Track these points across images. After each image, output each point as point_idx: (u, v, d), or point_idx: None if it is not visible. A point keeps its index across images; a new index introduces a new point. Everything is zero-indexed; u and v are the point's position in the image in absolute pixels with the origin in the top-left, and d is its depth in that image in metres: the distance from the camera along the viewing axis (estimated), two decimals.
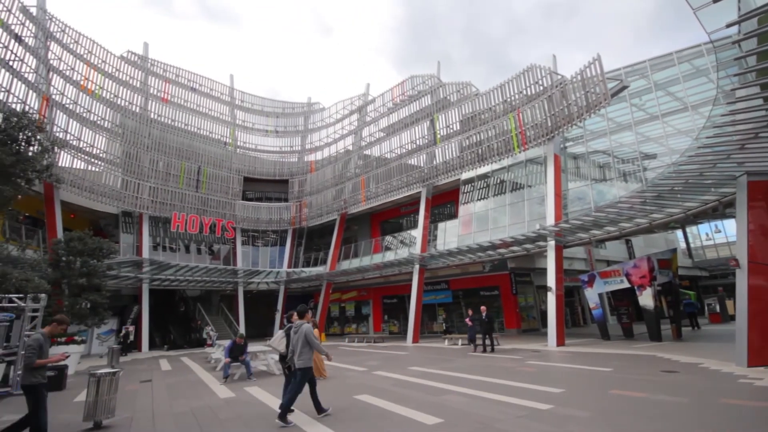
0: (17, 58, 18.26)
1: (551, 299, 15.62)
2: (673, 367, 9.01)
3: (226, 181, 29.14)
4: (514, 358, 12.51)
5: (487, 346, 14.31)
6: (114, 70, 25.50)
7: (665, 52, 15.37)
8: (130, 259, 22.43)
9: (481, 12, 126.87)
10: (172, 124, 28.10)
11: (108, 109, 24.32)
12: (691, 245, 32.77)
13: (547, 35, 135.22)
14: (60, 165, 20.41)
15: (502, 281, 22.64)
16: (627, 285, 15.38)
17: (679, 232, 31.64)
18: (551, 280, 15.82)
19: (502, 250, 18.72)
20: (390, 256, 23.88)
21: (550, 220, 16.03)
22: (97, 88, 23.91)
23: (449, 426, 5.47)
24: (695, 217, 14.09)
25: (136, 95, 26.52)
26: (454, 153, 21.15)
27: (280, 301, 29.34)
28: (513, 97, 18.46)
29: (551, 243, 16.25)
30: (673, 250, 17.40)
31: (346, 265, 26.83)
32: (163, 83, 28.70)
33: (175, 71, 29.86)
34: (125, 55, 27.07)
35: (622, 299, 16.96)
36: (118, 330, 22.96)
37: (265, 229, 30.39)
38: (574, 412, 5.79)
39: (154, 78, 28.24)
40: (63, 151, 20.84)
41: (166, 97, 28.52)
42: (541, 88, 17.14)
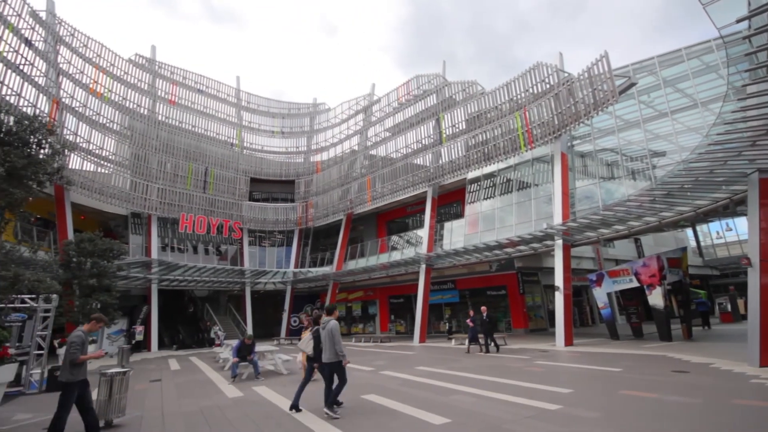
0: (28, 62, 18.56)
1: (559, 299, 15.52)
2: (683, 368, 8.90)
3: (233, 182, 29.37)
4: (522, 358, 12.44)
5: (488, 346, 14.17)
6: (122, 73, 25.85)
7: (674, 49, 15.21)
8: (139, 260, 22.70)
9: (486, 9, 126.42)
10: (180, 125, 28.40)
11: (117, 112, 24.66)
12: (702, 244, 32.36)
13: (553, 32, 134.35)
14: (70, 167, 20.68)
15: (509, 281, 22.54)
16: (636, 284, 15.24)
17: (690, 231, 31.25)
18: (559, 280, 15.72)
19: (509, 250, 18.63)
20: (396, 256, 23.87)
21: (558, 219, 15.92)
22: (106, 91, 24.24)
23: (457, 426, 5.46)
24: (706, 215, 13.90)
25: (144, 98, 26.86)
26: (460, 152, 21.08)
27: (287, 301, 29.51)
28: (519, 96, 18.35)
29: (559, 242, 16.15)
30: (684, 249, 17.19)
31: (352, 265, 26.88)
32: (171, 85, 29.01)
33: (182, 73, 30.15)
34: (133, 58, 27.42)
35: (632, 299, 16.81)
36: (127, 330, 23.25)
37: (272, 230, 30.57)
38: (583, 413, 5.74)
39: (161, 80, 28.56)
40: (73, 154, 21.12)
41: (173, 99, 28.81)
42: (547, 86, 17.02)
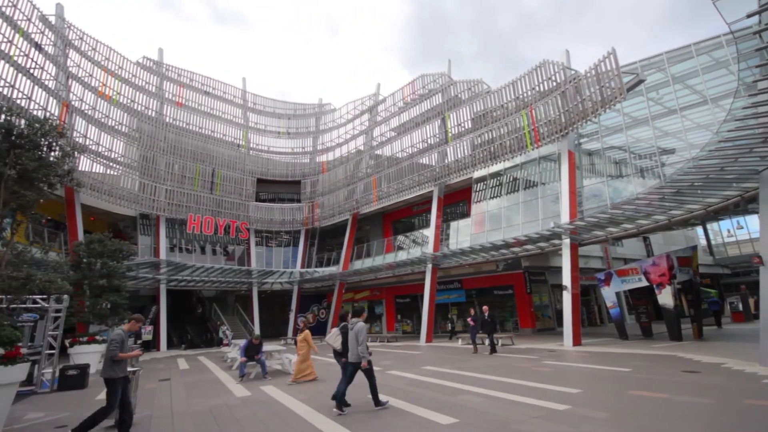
0: (38, 66, 18.84)
1: (567, 298, 15.39)
2: (694, 368, 8.79)
3: (240, 182, 29.56)
4: (530, 358, 12.36)
5: (494, 346, 14.08)
6: (130, 75, 26.16)
7: (682, 45, 15.02)
8: (148, 261, 22.93)
9: (490, 7, 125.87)
10: (187, 127, 28.67)
11: (125, 114, 24.95)
12: (712, 242, 31.89)
13: (558, 30, 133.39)
14: (80, 169, 20.93)
15: (516, 280, 22.42)
16: (645, 283, 15.07)
17: (700, 229, 30.82)
18: (566, 279, 15.58)
19: (515, 249, 18.52)
20: (402, 256, 23.85)
21: (565, 218, 15.79)
22: (115, 93, 24.54)
23: (465, 426, 5.43)
24: (716, 214, 13.70)
25: (152, 100, 27.16)
26: (466, 151, 21.00)
27: (294, 301, 29.63)
28: (525, 94, 18.24)
29: (566, 241, 16.01)
30: (694, 248, 16.97)
31: (358, 264, 26.92)
32: (178, 88, 29.29)
33: (189, 76, 30.42)
34: (141, 60, 27.74)
35: (641, 298, 16.63)
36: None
37: (279, 230, 30.71)
38: (592, 413, 5.69)
39: (169, 83, 28.86)
40: (83, 156, 21.39)
41: (180, 101, 29.08)
42: (554, 84, 16.90)
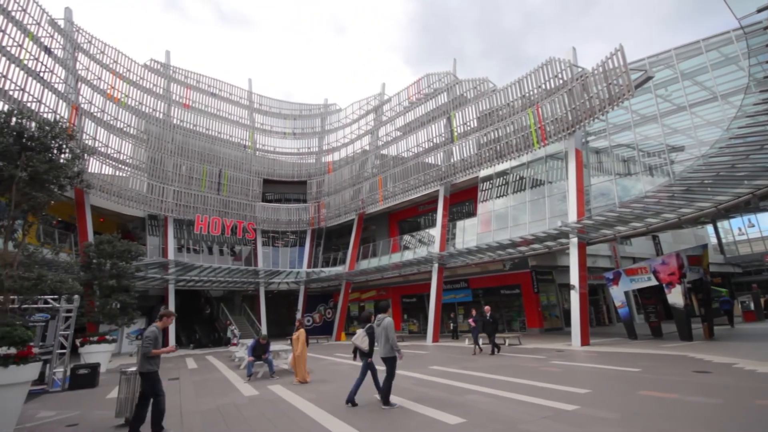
0: (48, 70, 19.11)
1: (574, 298, 15.29)
2: (705, 368, 8.68)
3: (246, 183, 29.74)
4: (538, 357, 12.29)
5: (498, 347, 13.97)
6: (138, 78, 26.44)
7: (691, 41, 14.80)
8: (156, 261, 23.17)
9: (495, 4, 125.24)
10: (194, 129, 28.91)
11: (133, 116, 25.24)
12: (723, 240, 31.50)
13: (564, 27, 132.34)
14: (90, 171, 21.20)
15: (523, 279, 22.29)
16: (655, 282, 14.91)
17: (710, 227, 30.44)
18: (574, 278, 15.47)
19: (522, 248, 18.43)
20: (408, 256, 23.84)
21: (572, 217, 15.67)
22: (123, 96, 24.83)
23: (472, 426, 5.42)
24: (727, 211, 13.49)
25: (159, 102, 27.43)
26: (472, 150, 20.93)
27: (301, 301, 29.73)
28: (532, 92, 18.12)
29: (574, 240, 15.89)
30: (704, 246, 16.75)
31: (364, 264, 26.95)
32: (185, 89, 29.55)
33: (196, 77, 30.66)
34: (148, 63, 28.03)
35: (650, 297, 16.46)
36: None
37: (285, 230, 30.85)
38: (601, 413, 5.64)
39: (176, 85, 29.12)
40: (92, 158, 21.69)
41: (187, 103, 29.33)
42: (560, 82, 16.76)
